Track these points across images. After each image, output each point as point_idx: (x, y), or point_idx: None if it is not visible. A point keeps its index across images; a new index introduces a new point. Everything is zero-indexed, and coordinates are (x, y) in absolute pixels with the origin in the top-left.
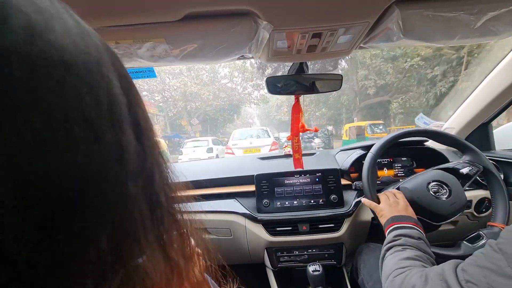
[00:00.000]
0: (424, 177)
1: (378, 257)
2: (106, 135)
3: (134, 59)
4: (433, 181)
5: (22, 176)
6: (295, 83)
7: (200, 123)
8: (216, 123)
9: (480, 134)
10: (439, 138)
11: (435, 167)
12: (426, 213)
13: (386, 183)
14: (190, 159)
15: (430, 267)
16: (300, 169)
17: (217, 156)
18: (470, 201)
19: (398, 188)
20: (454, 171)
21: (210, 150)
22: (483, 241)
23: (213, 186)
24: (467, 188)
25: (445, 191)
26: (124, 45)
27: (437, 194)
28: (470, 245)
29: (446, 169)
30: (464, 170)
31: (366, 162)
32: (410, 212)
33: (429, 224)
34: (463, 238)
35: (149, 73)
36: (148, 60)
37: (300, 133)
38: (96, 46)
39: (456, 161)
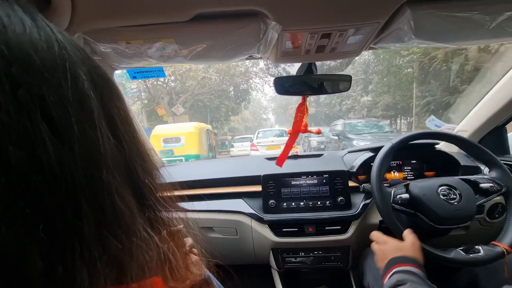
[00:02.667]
0: (438, 180)
1: None
2: (70, 132)
3: (145, 58)
4: (445, 185)
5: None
6: (303, 84)
7: (187, 113)
8: (216, 114)
9: (494, 137)
10: (469, 149)
11: (455, 177)
12: (427, 211)
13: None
14: (239, 150)
15: None
16: (307, 170)
17: None
18: (483, 206)
19: (407, 186)
20: (473, 184)
21: None
22: (479, 254)
23: (220, 186)
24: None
25: (455, 197)
26: (134, 45)
27: (445, 197)
28: (463, 253)
29: (464, 180)
30: (485, 186)
31: (382, 151)
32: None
33: (427, 225)
34: (458, 246)
35: (158, 72)
36: (158, 60)
37: None
38: (61, 46)
39: (480, 175)
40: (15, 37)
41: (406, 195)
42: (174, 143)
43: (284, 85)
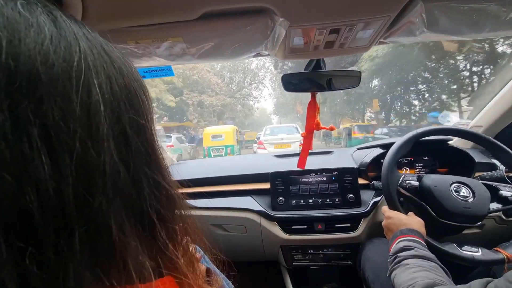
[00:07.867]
0: (454, 177)
1: (382, 254)
2: (70, 150)
3: (153, 58)
4: (460, 183)
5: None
6: (312, 80)
7: None
8: None
9: (511, 133)
10: (497, 152)
11: (476, 180)
12: (434, 203)
13: None
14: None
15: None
16: (316, 168)
17: None
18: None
19: (420, 178)
20: (493, 189)
21: None
22: (476, 254)
23: (229, 183)
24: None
25: (467, 195)
26: (143, 44)
27: (456, 193)
28: (458, 248)
29: (485, 184)
30: (505, 193)
31: (405, 137)
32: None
33: (431, 217)
34: (455, 241)
35: (167, 71)
36: (166, 59)
37: None
38: (81, 56)
39: (504, 183)
40: (28, 52)
41: (416, 183)
42: (218, 138)
43: (292, 82)
